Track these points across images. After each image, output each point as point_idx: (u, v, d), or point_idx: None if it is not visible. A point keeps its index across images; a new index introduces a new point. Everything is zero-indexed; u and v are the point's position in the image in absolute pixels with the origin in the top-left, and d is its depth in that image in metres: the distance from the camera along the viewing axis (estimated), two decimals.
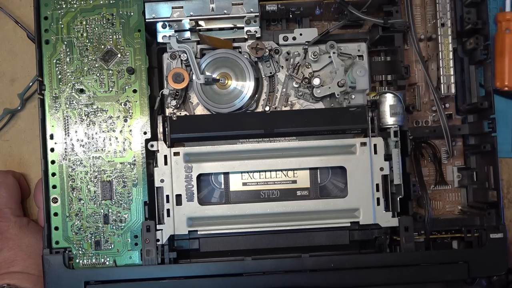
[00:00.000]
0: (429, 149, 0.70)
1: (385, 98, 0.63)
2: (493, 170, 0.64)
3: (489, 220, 0.64)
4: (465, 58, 0.68)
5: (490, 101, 0.64)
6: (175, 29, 0.64)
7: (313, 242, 0.64)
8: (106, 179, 0.63)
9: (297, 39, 0.65)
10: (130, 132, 0.64)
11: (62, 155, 0.63)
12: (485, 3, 0.65)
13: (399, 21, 0.63)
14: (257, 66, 0.66)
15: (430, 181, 0.70)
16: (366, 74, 0.64)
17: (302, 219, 0.63)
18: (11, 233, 0.66)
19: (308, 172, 0.65)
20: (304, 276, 0.61)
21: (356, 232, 0.64)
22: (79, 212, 0.63)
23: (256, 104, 0.67)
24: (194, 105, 0.67)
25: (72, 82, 0.64)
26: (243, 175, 0.65)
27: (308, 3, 0.65)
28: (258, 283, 0.61)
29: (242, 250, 0.64)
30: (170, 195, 0.62)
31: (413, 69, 0.70)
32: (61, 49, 0.64)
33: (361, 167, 0.62)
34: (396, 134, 0.62)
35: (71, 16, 0.64)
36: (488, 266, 0.62)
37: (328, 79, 0.66)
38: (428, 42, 0.70)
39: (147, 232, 0.62)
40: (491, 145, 0.64)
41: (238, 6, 0.63)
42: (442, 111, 0.65)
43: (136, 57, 0.64)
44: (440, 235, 0.65)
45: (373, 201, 0.62)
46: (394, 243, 0.64)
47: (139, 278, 0.61)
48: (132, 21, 0.64)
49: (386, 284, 0.62)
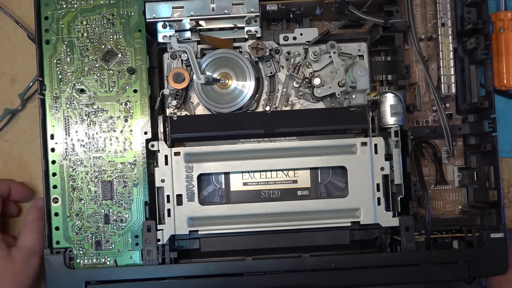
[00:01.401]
0: (430, 149, 0.70)
1: (386, 98, 0.63)
2: (493, 170, 0.64)
3: (489, 219, 0.64)
4: (466, 57, 0.69)
5: (490, 101, 0.64)
6: (175, 29, 0.64)
7: (313, 242, 0.64)
8: (107, 179, 0.63)
9: (298, 39, 0.65)
10: (131, 132, 0.64)
11: (63, 155, 0.63)
12: (485, 3, 0.65)
13: (400, 21, 0.63)
14: (258, 66, 0.66)
15: (431, 181, 0.70)
16: (366, 74, 0.64)
17: (303, 219, 0.63)
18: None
19: (308, 172, 0.65)
20: (304, 276, 0.61)
21: (356, 232, 0.64)
22: (80, 212, 0.63)
23: (256, 104, 0.67)
24: (195, 105, 0.67)
25: (73, 82, 0.64)
26: (243, 175, 0.65)
27: (309, 3, 0.65)
28: (259, 283, 0.61)
29: (242, 250, 0.64)
30: (171, 195, 0.62)
31: (413, 69, 0.70)
32: (62, 49, 0.64)
33: (362, 167, 0.62)
34: (396, 134, 0.62)
35: (71, 16, 0.64)
36: (489, 265, 0.62)
37: (328, 79, 0.66)
38: (429, 42, 0.70)
39: (148, 232, 0.62)
40: (491, 144, 0.64)
41: (239, 6, 0.63)
42: (443, 111, 0.65)
43: (136, 57, 0.64)
44: (440, 235, 0.65)
45: (373, 201, 0.62)
46: (394, 243, 0.64)
47: (139, 278, 0.61)
48: (133, 21, 0.64)
49: (387, 283, 0.62)
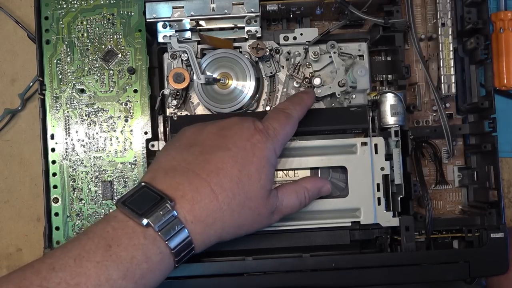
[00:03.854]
0: (430, 149, 0.70)
1: (386, 98, 0.63)
2: (493, 170, 0.64)
3: (489, 219, 0.64)
4: (466, 57, 0.68)
5: (490, 101, 0.64)
6: (175, 29, 0.64)
7: (314, 242, 0.64)
8: (107, 179, 0.63)
9: (298, 39, 0.65)
10: (131, 132, 0.64)
11: (63, 155, 0.63)
12: (485, 3, 0.65)
13: (400, 21, 0.63)
14: (258, 66, 0.66)
15: (431, 180, 0.70)
16: (366, 74, 0.64)
17: (303, 218, 0.63)
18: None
19: (308, 172, 0.65)
20: (305, 276, 0.61)
21: (357, 232, 0.64)
22: (80, 212, 0.63)
23: (256, 104, 0.67)
24: (195, 105, 0.67)
25: (73, 82, 0.64)
26: None
27: (309, 3, 0.65)
28: (259, 283, 0.61)
29: (243, 250, 0.64)
30: None
31: (413, 69, 0.70)
32: (62, 49, 0.64)
33: (362, 166, 0.62)
34: (396, 133, 0.62)
35: (71, 16, 0.64)
36: (489, 265, 0.62)
37: (328, 79, 0.66)
38: (429, 41, 0.70)
39: None
40: (491, 144, 0.64)
41: (239, 6, 0.63)
42: (443, 111, 0.65)
43: (136, 57, 0.64)
44: (440, 235, 0.65)
45: (374, 201, 0.62)
46: (395, 242, 0.64)
47: None
48: (133, 21, 0.64)
49: (387, 283, 0.62)
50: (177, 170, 0.50)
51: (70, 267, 0.44)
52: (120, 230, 0.46)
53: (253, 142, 0.52)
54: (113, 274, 0.44)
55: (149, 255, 0.46)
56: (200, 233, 0.49)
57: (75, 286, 0.43)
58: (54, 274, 0.43)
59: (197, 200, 0.48)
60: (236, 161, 0.51)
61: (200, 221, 0.48)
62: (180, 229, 0.47)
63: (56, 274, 0.43)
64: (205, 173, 0.50)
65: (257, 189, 0.51)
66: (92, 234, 0.46)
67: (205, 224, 0.49)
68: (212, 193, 0.49)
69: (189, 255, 0.49)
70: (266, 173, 0.52)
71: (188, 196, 0.48)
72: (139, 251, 0.45)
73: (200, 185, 0.49)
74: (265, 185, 0.52)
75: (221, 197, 0.49)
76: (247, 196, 0.50)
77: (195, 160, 0.51)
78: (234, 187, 0.50)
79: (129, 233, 0.46)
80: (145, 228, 0.46)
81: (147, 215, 0.46)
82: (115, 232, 0.46)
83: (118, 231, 0.46)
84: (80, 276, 0.43)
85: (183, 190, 0.49)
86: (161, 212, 0.46)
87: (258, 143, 0.52)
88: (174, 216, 0.47)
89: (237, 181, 0.50)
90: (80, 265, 0.44)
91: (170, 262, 0.48)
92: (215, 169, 0.50)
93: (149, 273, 0.46)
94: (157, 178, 0.50)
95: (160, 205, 0.47)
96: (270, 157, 0.53)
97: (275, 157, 0.54)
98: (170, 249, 0.47)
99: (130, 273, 0.45)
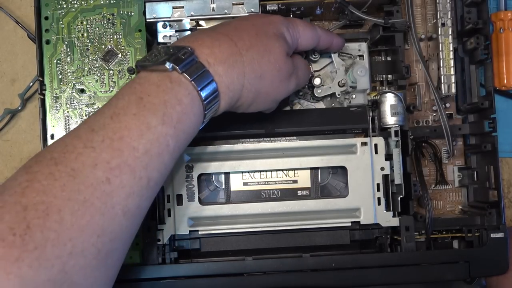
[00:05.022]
0: (430, 149, 0.70)
1: (386, 98, 0.63)
2: (493, 170, 0.64)
3: (489, 219, 0.64)
4: (466, 57, 0.69)
5: (490, 101, 0.64)
6: (175, 29, 0.64)
7: (314, 242, 0.64)
8: None
9: None
10: None
11: None
12: (485, 2, 0.65)
13: (400, 21, 0.63)
14: None
15: (431, 180, 0.70)
16: (366, 74, 0.64)
17: (303, 218, 0.63)
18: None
19: (308, 172, 0.65)
20: (305, 276, 0.61)
21: (357, 232, 0.64)
22: None
23: None
24: None
25: (73, 82, 0.64)
26: (243, 175, 0.65)
27: (309, 3, 0.65)
28: (259, 283, 0.61)
29: (243, 250, 0.64)
30: (171, 195, 0.62)
31: (413, 69, 0.70)
32: (62, 49, 0.64)
33: (362, 167, 0.62)
34: (396, 133, 0.62)
35: (71, 16, 0.64)
36: (489, 265, 0.62)
37: (328, 79, 0.66)
38: (429, 41, 0.70)
39: (148, 232, 0.62)
40: (491, 144, 0.64)
41: (239, 6, 0.63)
42: (443, 111, 0.65)
43: (136, 57, 0.64)
44: (440, 235, 0.65)
45: (374, 201, 0.62)
46: (395, 242, 0.64)
47: (139, 278, 0.61)
48: (133, 21, 0.64)
49: (387, 283, 0.62)
50: (195, 33, 0.53)
51: (109, 124, 0.44)
52: (146, 83, 0.47)
53: (271, 19, 0.55)
54: (152, 121, 0.44)
55: (179, 97, 0.46)
56: (222, 74, 0.49)
57: (119, 140, 0.43)
58: (95, 134, 0.43)
59: (216, 45, 0.49)
60: (254, 24, 0.53)
61: (222, 62, 0.49)
62: (203, 71, 0.48)
63: (97, 133, 0.43)
64: (223, 29, 0.52)
65: (276, 46, 0.52)
66: (120, 95, 0.47)
67: (227, 65, 0.49)
68: (230, 40, 0.50)
69: (215, 100, 0.49)
70: (284, 38, 0.54)
71: (207, 43, 0.49)
72: (170, 94, 0.46)
73: (218, 36, 0.51)
74: (283, 45, 0.53)
75: (239, 44, 0.50)
76: (266, 49, 0.52)
77: (213, 27, 0.54)
78: (253, 39, 0.51)
79: (156, 82, 0.46)
80: (170, 72, 0.47)
81: (169, 59, 0.47)
82: (142, 87, 0.46)
83: (145, 85, 0.47)
84: (121, 130, 0.44)
85: (201, 40, 0.50)
86: (182, 56, 0.47)
87: (275, 19, 0.55)
88: (196, 60, 0.48)
89: (255, 35, 0.52)
90: (118, 121, 0.44)
91: (200, 106, 0.48)
92: (233, 27, 0.52)
93: (184, 116, 0.46)
94: (174, 42, 0.53)
95: (180, 50, 0.48)
96: (285, 34, 0.55)
97: (290, 36, 0.55)
98: (196, 90, 0.47)
99: (167, 117, 0.45)
